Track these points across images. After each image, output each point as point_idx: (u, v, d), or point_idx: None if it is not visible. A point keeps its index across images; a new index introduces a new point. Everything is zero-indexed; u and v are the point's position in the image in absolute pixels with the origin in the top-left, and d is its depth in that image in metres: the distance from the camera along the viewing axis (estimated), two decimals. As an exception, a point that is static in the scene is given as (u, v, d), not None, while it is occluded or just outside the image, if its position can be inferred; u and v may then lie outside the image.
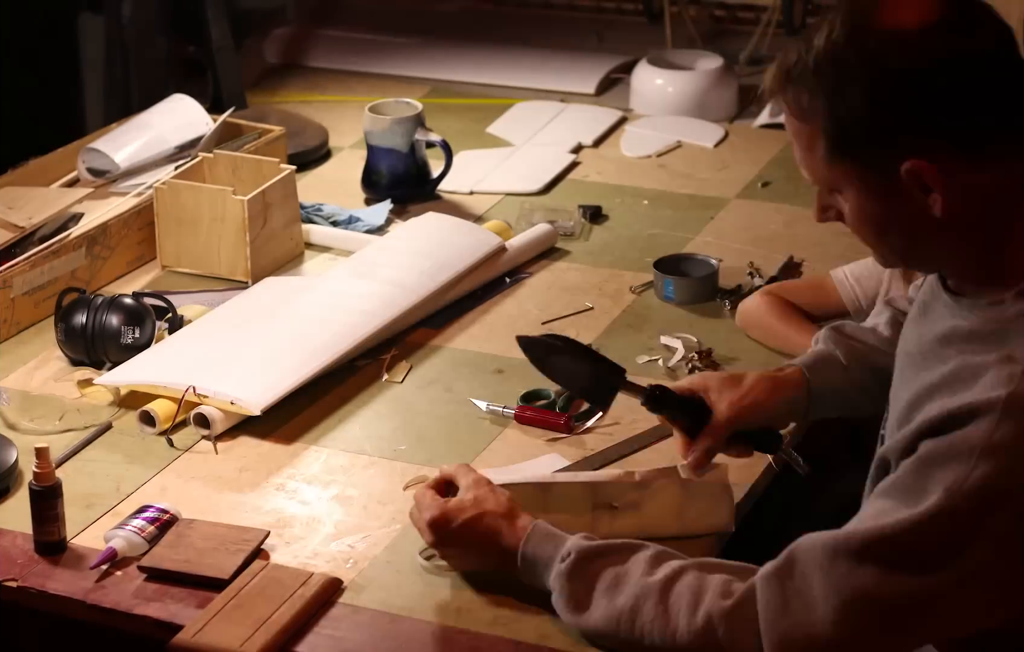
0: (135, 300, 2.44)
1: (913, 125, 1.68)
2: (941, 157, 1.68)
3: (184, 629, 1.86)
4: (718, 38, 3.71)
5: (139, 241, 2.72)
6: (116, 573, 1.97)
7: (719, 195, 2.97)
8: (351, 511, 2.10)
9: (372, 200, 2.93)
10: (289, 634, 1.86)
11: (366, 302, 2.49)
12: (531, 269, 2.71)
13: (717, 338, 2.46)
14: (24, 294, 2.53)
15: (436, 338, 2.51)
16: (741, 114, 3.36)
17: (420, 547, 2.00)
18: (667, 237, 2.80)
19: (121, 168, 2.83)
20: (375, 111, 2.95)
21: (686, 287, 2.58)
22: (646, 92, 3.36)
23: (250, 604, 1.89)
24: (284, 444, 2.25)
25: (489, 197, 2.98)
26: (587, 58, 3.60)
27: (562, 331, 2.51)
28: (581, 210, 2.87)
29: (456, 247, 2.64)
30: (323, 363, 2.36)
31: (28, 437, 2.22)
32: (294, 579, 1.93)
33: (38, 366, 2.44)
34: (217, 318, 2.49)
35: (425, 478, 2.14)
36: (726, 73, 3.37)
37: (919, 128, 1.68)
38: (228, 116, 2.98)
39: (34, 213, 2.67)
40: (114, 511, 2.10)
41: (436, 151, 2.96)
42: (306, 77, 3.57)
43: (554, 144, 3.17)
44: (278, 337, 2.41)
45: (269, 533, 2.03)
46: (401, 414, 2.33)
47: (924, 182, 1.69)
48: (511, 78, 3.51)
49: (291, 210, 2.73)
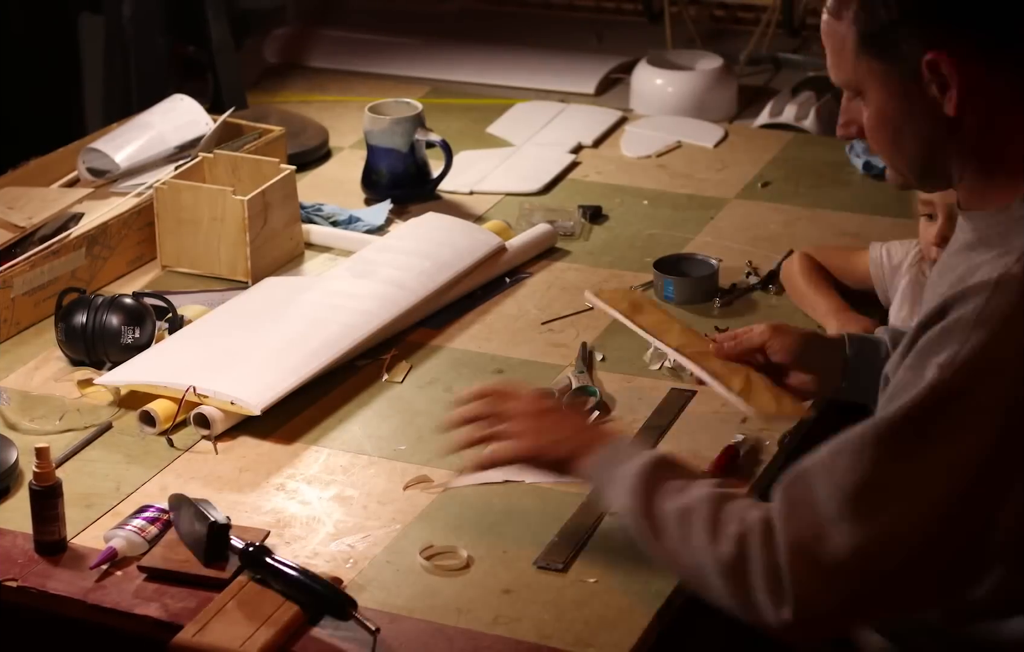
0: (135, 300, 2.44)
1: (938, 19, 1.78)
2: (961, 52, 1.78)
3: (184, 629, 1.86)
4: (718, 38, 3.71)
5: (139, 241, 2.72)
6: (116, 573, 1.97)
7: (719, 195, 2.97)
8: (351, 511, 2.10)
9: (372, 200, 2.93)
10: (288, 634, 1.86)
11: (366, 302, 2.49)
12: (531, 269, 2.71)
13: (717, 338, 2.46)
14: (24, 294, 2.53)
15: (436, 338, 2.51)
16: (741, 114, 3.36)
17: (420, 547, 2.00)
18: (667, 237, 2.80)
19: (121, 168, 2.83)
20: (375, 111, 2.95)
21: (686, 287, 2.58)
22: (646, 92, 3.36)
23: (250, 604, 1.89)
24: (284, 444, 2.25)
25: (489, 197, 2.98)
26: (587, 58, 3.60)
27: (562, 331, 2.52)
28: (581, 210, 2.87)
29: (456, 247, 2.64)
30: (323, 363, 2.36)
31: (28, 437, 2.22)
32: (294, 578, 1.94)
33: (38, 366, 2.44)
34: (217, 318, 2.49)
35: (426, 478, 2.14)
36: (726, 73, 3.37)
37: (943, 23, 1.78)
38: (228, 116, 2.98)
39: (34, 213, 2.67)
40: (114, 511, 2.10)
41: (436, 151, 2.96)
42: (306, 77, 3.57)
43: (554, 144, 3.17)
44: (278, 337, 2.41)
45: (269, 533, 2.03)
46: (401, 414, 2.33)
47: (943, 76, 1.78)
48: (511, 78, 3.51)
49: (291, 210, 2.74)
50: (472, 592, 1.94)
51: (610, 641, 1.86)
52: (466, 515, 2.09)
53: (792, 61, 3.57)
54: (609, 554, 2.00)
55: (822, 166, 3.04)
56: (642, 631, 1.88)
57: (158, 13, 3.25)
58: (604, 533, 2.04)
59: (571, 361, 2.42)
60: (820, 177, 3.01)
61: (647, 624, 1.89)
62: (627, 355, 2.43)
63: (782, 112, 3.25)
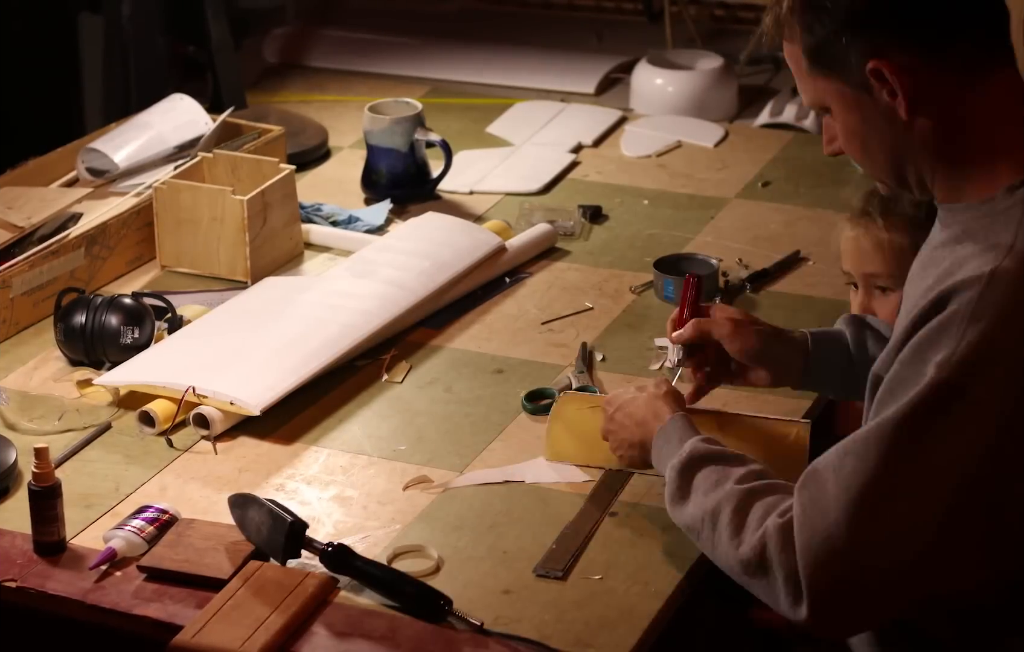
0: (134, 300, 2.44)
1: (875, 27, 1.79)
2: (902, 57, 1.79)
3: (184, 629, 1.86)
4: (718, 38, 3.71)
5: (138, 241, 2.72)
6: (115, 573, 1.97)
7: (719, 195, 2.96)
8: (351, 511, 2.10)
9: (372, 200, 2.93)
10: (288, 634, 1.86)
11: (366, 302, 2.48)
12: (531, 269, 2.71)
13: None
14: (23, 294, 2.53)
15: (436, 338, 2.51)
16: (741, 114, 3.35)
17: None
18: (667, 237, 2.80)
19: (120, 168, 2.82)
20: (375, 111, 2.95)
21: None
22: (646, 92, 3.36)
23: (248, 604, 1.89)
24: (284, 444, 2.25)
25: (489, 197, 2.97)
26: (587, 58, 3.59)
27: (562, 331, 2.52)
28: (581, 210, 2.87)
29: (456, 247, 2.63)
30: (323, 363, 2.36)
31: (28, 437, 2.22)
32: (291, 579, 1.93)
33: (37, 366, 2.44)
34: (217, 318, 2.49)
35: (426, 478, 2.14)
36: (726, 73, 3.37)
37: (881, 30, 1.79)
38: (228, 116, 2.98)
39: (33, 213, 2.66)
40: (113, 511, 2.09)
41: (436, 151, 2.95)
42: (305, 77, 3.56)
43: (554, 144, 3.17)
44: (278, 337, 2.41)
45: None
46: (401, 414, 2.32)
47: (887, 82, 1.79)
48: (511, 78, 3.50)
49: (291, 210, 2.73)
50: (472, 592, 1.94)
51: (610, 641, 1.86)
52: (466, 515, 2.09)
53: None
54: (609, 554, 2.00)
55: (822, 166, 3.03)
56: (642, 631, 1.88)
57: (157, 13, 3.25)
58: (604, 534, 2.04)
59: (571, 361, 2.42)
60: (820, 177, 3.00)
61: (647, 624, 1.89)
62: (627, 355, 2.43)
63: (782, 112, 3.25)
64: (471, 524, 2.07)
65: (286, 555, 1.96)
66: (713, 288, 2.59)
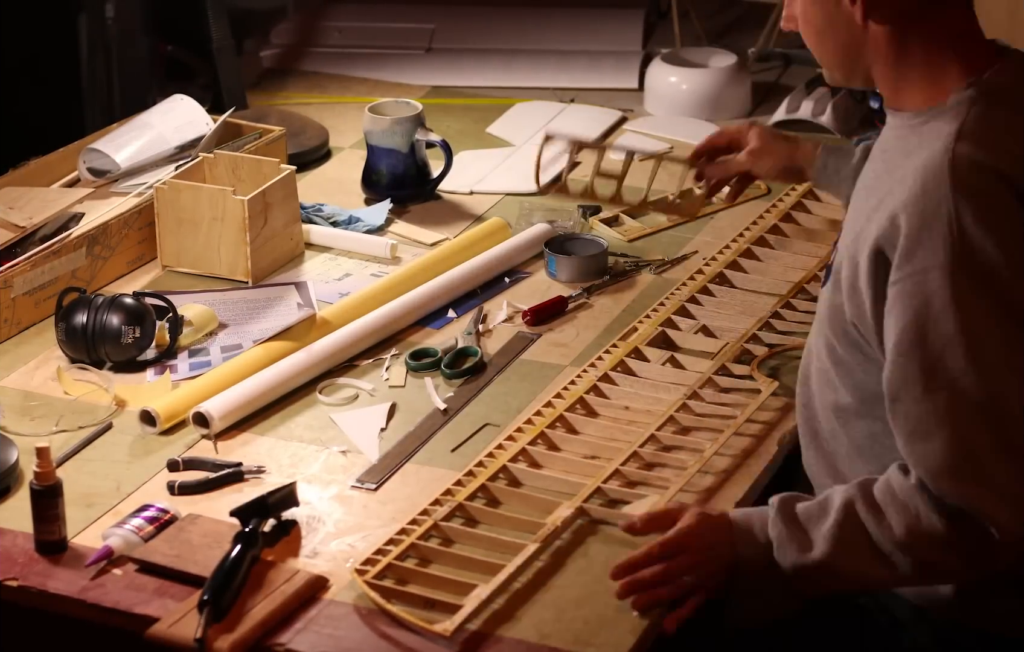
0: (135, 300, 2.44)
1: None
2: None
3: (160, 620, 1.87)
4: (725, 35, 3.70)
5: (139, 241, 2.72)
6: (116, 572, 1.98)
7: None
8: (351, 511, 2.10)
9: (372, 200, 2.94)
10: (267, 629, 1.86)
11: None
12: (530, 269, 2.71)
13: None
14: (25, 294, 2.53)
15: (436, 338, 2.51)
16: (755, 110, 3.35)
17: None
18: (667, 236, 2.80)
19: (122, 168, 2.83)
20: (375, 111, 2.95)
21: (571, 265, 2.65)
22: (660, 90, 3.35)
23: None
24: (284, 442, 2.25)
25: (489, 197, 2.98)
26: (623, 53, 3.59)
27: (562, 330, 2.52)
28: (581, 210, 2.87)
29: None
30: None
31: (28, 437, 2.22)
32: (279, 575, 1.94)
33: (38, 366, 2.44)
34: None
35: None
36: (740, 69, 3.36)
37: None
38: (228, 116, 2.98)
39: (35, 213, 2.67)
40: (114, 511, 2.10)
41: (436, 151, 2.96)
42: (306, 77, 3.56)
43: (554, 144, 3.16)
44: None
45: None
46: (401, 414, 2.33)
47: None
48: (513, 79, 3.50)
49: (291, 210, 2.74)
50: (472, 591, 1.94)
51: (610, 641, 1.86)
52: (466, 515, 2.09)
53: (801, 56, 3.54)
54: (609, 554, 2.00)
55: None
56: (642, 630, 1.88)
57: (142, 13, 3.25)
58: (605, 534, 2.04)
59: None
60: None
61: (647, 624, 1.89)
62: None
63: (799, 108, 3.22)
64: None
65: (242, 513, 2.00)
66: (602, 267, 2.66)
